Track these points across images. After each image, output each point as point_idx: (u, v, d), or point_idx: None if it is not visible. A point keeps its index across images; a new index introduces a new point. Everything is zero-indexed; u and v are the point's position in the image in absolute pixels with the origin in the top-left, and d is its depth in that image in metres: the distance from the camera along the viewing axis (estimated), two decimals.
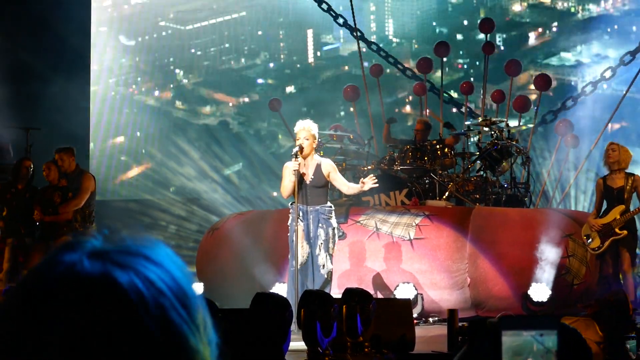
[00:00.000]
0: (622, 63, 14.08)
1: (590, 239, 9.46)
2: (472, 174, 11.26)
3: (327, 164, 8.14)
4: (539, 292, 9.39)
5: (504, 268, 9.57)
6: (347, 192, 8.47)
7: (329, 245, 7.97)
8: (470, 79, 15.02)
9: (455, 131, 11.79)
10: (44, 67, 13.30)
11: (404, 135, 13.05)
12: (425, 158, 10.94)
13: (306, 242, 7.96)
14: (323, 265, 7.92)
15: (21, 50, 13.28)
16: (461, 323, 6.82)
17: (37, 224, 9.83)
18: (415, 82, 14.05)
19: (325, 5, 15.26)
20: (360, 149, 11.58)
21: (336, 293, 6.77)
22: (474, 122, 11.82)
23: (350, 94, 13.52)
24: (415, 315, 8.60)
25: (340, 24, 15.36)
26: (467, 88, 13.82)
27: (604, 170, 9.82)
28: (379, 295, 9.36)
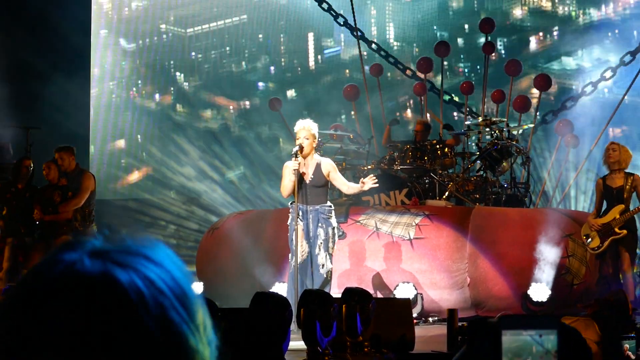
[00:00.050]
0: (622, 63, 14.09)
1: (589, 239, 9.46)
2: (472, 173, 11.26)
3: (327, 163, 8.13)
4: (539, 292, 9.39)
5: (504, 268, 9.57)
6: (347, 192, 8.46)
7: (329, 245, 7.97)
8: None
9: (455, 132, 11.80)
10: (44, 66, 13.28)
11: (404, 139, 13.04)
12: (425, 158, 10.95)
13: (306, 242, 7.95)
14: (323, 265, 7.92)
15: (21, 49, 13.26)
16: (461, 323, 6.83)
17: (37, 223, 9.82)
18: (416, 82, 14.07)
19: (325, 5, 15.27)
20: (361, 149, 11.59)
21: (336, 292, 6.77)
22: (474, 122, 11.83)
23: (351, 93, 13.52)
24: (415, 315, 8.60)
25: (341, 24, 15.37)
26: (467, 88, 13.82)
27: (604, 170, 9.81)
28: (379, 295, 9.35)
